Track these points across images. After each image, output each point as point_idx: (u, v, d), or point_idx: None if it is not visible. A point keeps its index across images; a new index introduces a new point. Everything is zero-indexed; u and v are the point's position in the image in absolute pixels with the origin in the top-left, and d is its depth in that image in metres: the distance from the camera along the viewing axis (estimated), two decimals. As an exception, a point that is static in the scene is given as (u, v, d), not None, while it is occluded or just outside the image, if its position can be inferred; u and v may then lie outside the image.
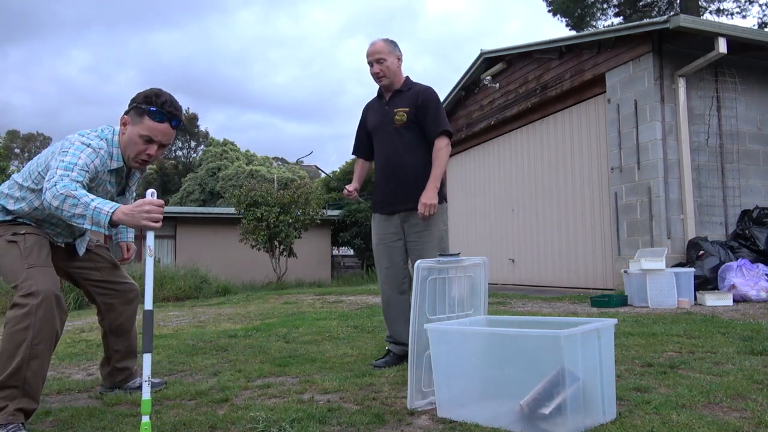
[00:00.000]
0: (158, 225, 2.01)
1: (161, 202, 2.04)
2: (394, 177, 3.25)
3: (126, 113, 2.29)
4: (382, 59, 3.22)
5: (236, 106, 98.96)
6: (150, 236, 2.03)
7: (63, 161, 2.12)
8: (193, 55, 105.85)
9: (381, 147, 3.33)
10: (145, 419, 1.85)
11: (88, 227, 2.05)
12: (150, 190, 2.09)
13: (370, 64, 3.26)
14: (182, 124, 2.35)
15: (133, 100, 2.27)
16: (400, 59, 3.30)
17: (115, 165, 2.31)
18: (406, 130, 3.23)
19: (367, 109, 3.49)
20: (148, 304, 1.99)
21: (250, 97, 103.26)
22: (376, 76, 3.27)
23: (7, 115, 70.72)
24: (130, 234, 2.76)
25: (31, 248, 2.22)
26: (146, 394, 1.88)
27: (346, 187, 3.47)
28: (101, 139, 2.27)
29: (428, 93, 3.26)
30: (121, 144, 2.31)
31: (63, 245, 2.48)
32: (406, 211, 3.21)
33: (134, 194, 2.69)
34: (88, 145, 2.20)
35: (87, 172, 2.15)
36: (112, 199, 2.43)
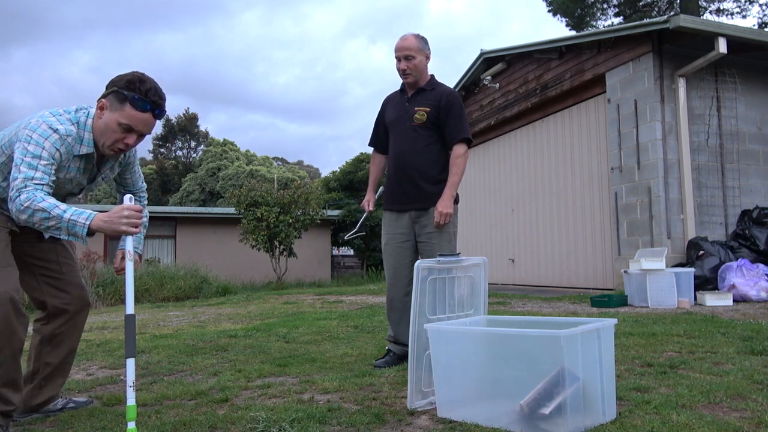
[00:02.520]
0: (137, 230, 1.97)
1: (140, 207, 1.98)
2: (406, 175, 3.22)
3: (104, 96, 2.08)
4: (411, 56, 3.18)
5: (238, 106, 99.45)
6: (129, 241, 1.99)
7: (27, 151, 1.96)
8: (196, 56, 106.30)
9: (396, 143, 3.29)
10: (131, 425, 1.82)
11: (65, 238, 1.95)
12: (127, 196, 2.03)
13: (398, 59, 3.20)
14: (165, 113, 2.15)
15: (113, 83, 2.06)
16: (428, 57, 3.26)
17: (84, 150, 2.12)
18: (424, 129, 3.20)
19: (387, 102, 3.44)
20: (130, 308, 1.93)
21: (252, 97, 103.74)
22: (403, 73, 3.22)
23: (10, 117, 70.93)
24: (139, 244, 2.47)
25: None
26: (131, 399, 1.84)
27: (365, 207, 3.41)
28: (72, 123, 2.09)
29: (453, 96, 3.23)
30: (95, 129, 2.11)
31: (85, 242, 2.15)
32: (417, 210, 3.20)
33: (128, 180, 2.49)
34: (56, 131, 2.02)
35: (53, 163, 2.00)
36: (79, 187, 2.26)
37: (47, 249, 2.35)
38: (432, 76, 3.32)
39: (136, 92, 2.03)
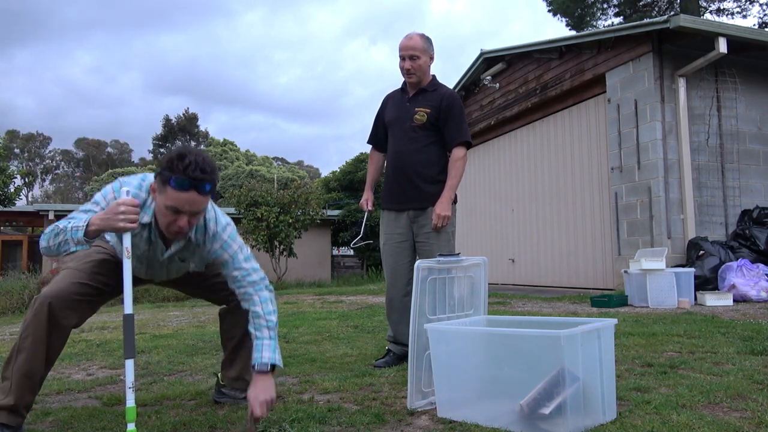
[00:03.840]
0: (135, 225, 1.90)
1: (137, 201, 1.93)
2: (404, 175, 3.22)
3: (155, 178, 2.01)
4: (416, 56, 3.17)
5: (239, 107, 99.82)
6: (127, 237, 1.92)
7: (86, 204, 2.04)
8: (198, 57, 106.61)
9: (395, 143, 3.29)
10: (131, 426, 1.81)
11: (74, 249, 1.94)
12: (124, 189, 1.97)
13: (402, 58, 3.19)
14: (214, 186, 1.99)
15: (159, 163, 1.99)
16: (432, 58, 3.25)
17: (145, 219, 2.05)
18: (423, 130, 3.20)
19: (387, 101, 3.43)
20: (128, 308, 1.90)
21: (254, 98, 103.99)
22: (407, 72, 3.21)
23: (11, 117, 71.22)
24: (266, 352, 2.08)
25: (80, 254, 2.11)
26: (130, 401, 1.83)
27: (363, 207, 3.42)
28: (145, 192, 2.07)
29: (453, 98, 3.23)
30: (155, 211, 2.05)
31: (88, 247, 2.13)
32: (415, 210, 3.20)
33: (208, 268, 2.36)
34: (122, 186, 2.03)
35: (98, 204, 2.02)
36: (146, 265, 2.21)
37: (178, 279, 2.39)
38: (434, 76, 3.32)
39: (175, 171, 1.90)
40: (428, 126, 3.20)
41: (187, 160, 1.90)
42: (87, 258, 2.15)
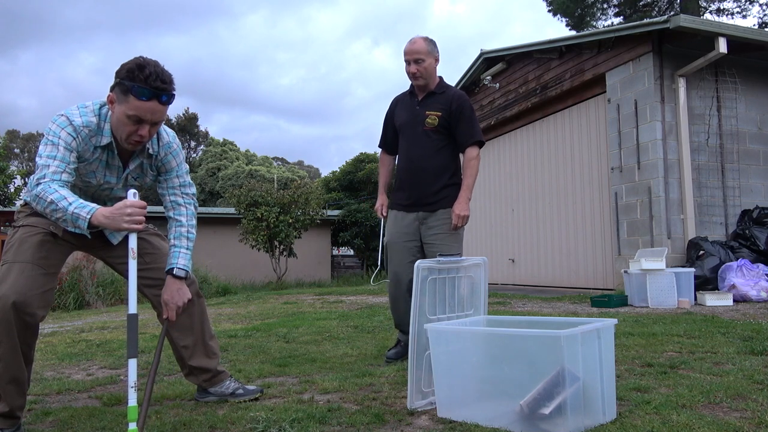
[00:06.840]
0: (140, 227, 1.91)
1: (143, 203, 1.92)
2: (417, 179, 3.23)
3: (112, 89, 2.03)
4: (420, 59, 3.18)
5: (241, 107, 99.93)
6: (132, 238, 1.93)
7: (47, 140, 2.00)
8: (201, 58, 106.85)
9: (407, 147, 3.30)
10: (132, 426, 1.81)
11: (71, 230, 1.94)
12: (131, 191, 1.97)
13: (408, 62, 3.21)
14: (173, 97, 2.05)
15: (117, 74, 2.00)
16: (437, 60, 3.26)
17: (104, 141, 2.10)
18: (435, 133, 3.22)
19: (396, 104, 3.44)
20: (132, 308, 1.90)
21: (256, 99, 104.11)
22: (413, 76, 3.22)
23: (15, 118, 71.25)
24: (182, 260, 2.30)
25: (14, 242, 2.11)
26: (132, 400, 1.83)
27: (378, 212, 3.42)
28: (94, 115, 2.08)
29: (463, 99, 3.24)
30: (111, 123, 2.09)
31: (89, 235, 2.20)
32: (425, 212, 3.21)
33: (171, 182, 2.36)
34: (71, 122, 2.03)
35: (70, 151, 2.01)
36: (108, 187, 2.22)
37: (123, 246, 2.31)
38: (441, 78, 3.33)
39: (137, 81, 1.95)
40: (440, 129, 3.21)
41: (147, 70, 1.96)
42: (24, 245, 2.11)
